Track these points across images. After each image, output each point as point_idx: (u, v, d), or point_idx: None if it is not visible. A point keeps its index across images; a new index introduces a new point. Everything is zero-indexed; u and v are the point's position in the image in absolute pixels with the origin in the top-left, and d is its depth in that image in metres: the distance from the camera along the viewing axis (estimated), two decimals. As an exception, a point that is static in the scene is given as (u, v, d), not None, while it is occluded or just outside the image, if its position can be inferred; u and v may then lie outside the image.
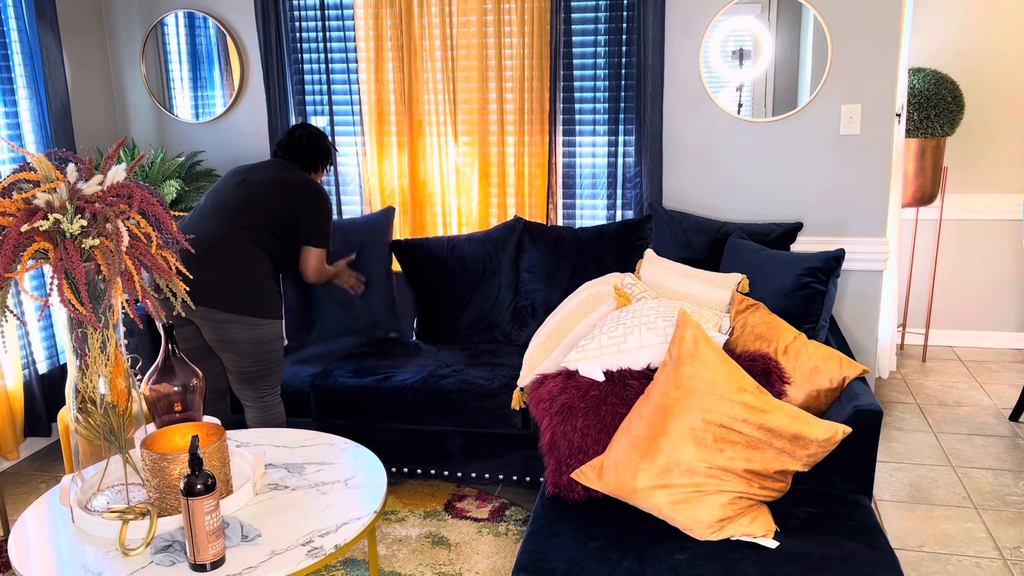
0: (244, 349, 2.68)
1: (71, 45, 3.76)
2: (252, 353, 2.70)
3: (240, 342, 2.67)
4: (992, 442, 3.39)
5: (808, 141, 3.38)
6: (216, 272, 2.62)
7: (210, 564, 1.67)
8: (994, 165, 4.37)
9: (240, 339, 2.66)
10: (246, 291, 2.65)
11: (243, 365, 2.71)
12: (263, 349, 2.71)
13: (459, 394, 2.93)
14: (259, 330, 2.68)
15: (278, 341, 2.76)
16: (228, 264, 2.64)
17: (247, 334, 2.66)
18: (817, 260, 2.77)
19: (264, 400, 2.80)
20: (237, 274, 2.64)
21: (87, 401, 1.86)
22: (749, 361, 2.23)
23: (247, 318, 2.64)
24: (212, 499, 1.65)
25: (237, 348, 2.68)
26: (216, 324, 2.64)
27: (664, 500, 1.89)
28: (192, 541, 1.66)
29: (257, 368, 2.73)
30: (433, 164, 3.74)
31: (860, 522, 1.96)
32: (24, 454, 3.53)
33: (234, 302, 2.62)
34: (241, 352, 2.68)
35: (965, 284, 4.54)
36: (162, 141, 4.02)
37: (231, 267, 2.64)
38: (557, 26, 3.45)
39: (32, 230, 1.70)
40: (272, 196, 2.75)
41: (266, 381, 2.77)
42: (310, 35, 3.72)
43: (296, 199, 2.76)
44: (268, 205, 2.74)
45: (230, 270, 2.64)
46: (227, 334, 2.65)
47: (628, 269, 3.30)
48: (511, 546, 2.70)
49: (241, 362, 2.70)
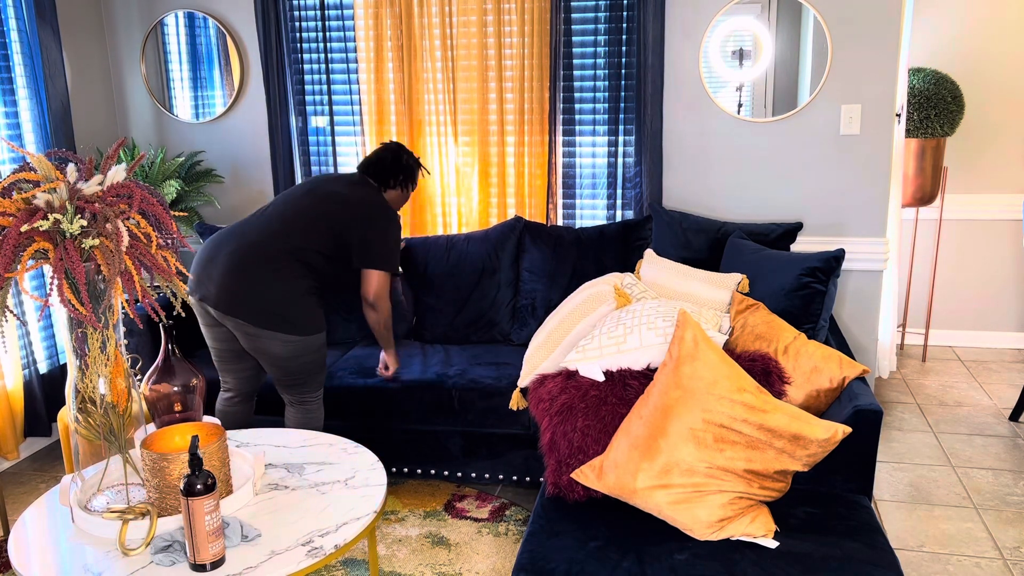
0: (274, 361, 2.64)
1: (71, 45, 3.76)
2: (283, 366, 2.65)
3: (271, 354, 2.62)
4: (992, 442, 3.39)
5: (808, 141, 3.38)
6: (249, 283, 2.55)
7: (210, 564, 1.68)
8: (994, 165, 4.37)
9: (270, 351, 2.62)
10: (277, 307, 2.56)
11: (276, 374, 2.69)
12: (295, 363, 2.65)
13: (467, 393, 2.93)
14: (289, 345, 2.60)
15: (313, 354, 2.67)
16: (264, 277, 2.56)
17: (276, 348, 2.60)
18: (817, 260, 2.77)
19: (304, 404, 2.77)
20: (270, 289, 2.56)
21: (87, 401, 1.86)
22: (749, 361, 2.23)
23: (276, 333, 2.58)
24: (212, 499, 1.65)
25: (268, 359, 2.65)
26: (245, 335, 2.61)
27: (664, 500, 1.89)
28: (192, 541, 1.66)
29: (290, 379, 2.70)
30: (433, 164, 3.74)
31: (860, 522, 1.96)
32: (24, 454, 3.53)
33: (263, 317, 2.55)
34: (272, 363, 2.65)
35: (965, 284, 4.54)
36: (162, 141, 4.02)
37: (266, 281, 2.56)
38: (557, 26, 3.45)
39: (32, 230, 1.70)
40: (329, 213, 2.66)
41: (303, 387, 2.73)
42: (310, 35, 3.72)
43: (354, 219, 2.66)
44: (323, 221, 2.65)
45: (265, 284, 2.56)
46: (257, 346, 2.61)
47: (628, 269, 3.30)
48: (511, 546, 2.70)
49: (273, 371, 2.69)
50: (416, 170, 2.91)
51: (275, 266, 2.58)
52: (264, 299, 2.55)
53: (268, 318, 2.56)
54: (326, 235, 2.64)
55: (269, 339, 2.58)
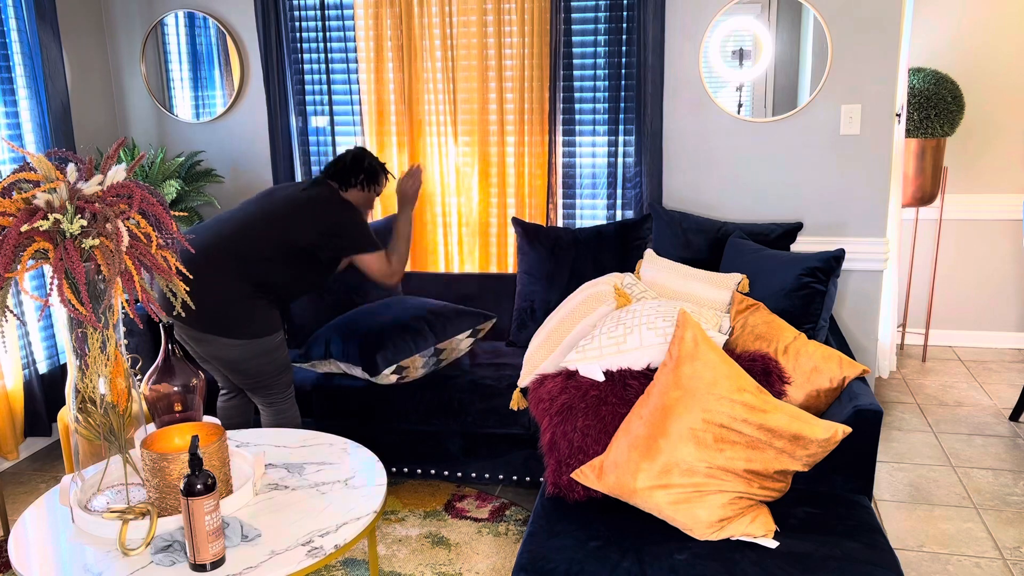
0: (228, 365, 2.61)
1: (71, 45, 3.76)
2: (238, 369, 2.62)
3: (222, 359, 2.60)
4: (992, 442, 3.39)
5: (808, 141, 3.38)
6: (194, 288, 2.51)
7: (210, 564, 1.68)
8: (994, 165, 4.37)
9: (221, 356, 2.59)
10: (218, 310, 2.54)
11: (235, 379, 2.67)
12: (249, 365, 2.62)
13: (468, 394, 2.93)
14: (236, 349, 2.57)
15: (267, 356, 2.64)
16: (206, 282, 2.53)
17: (225, 352, 2.58)
18: (817, 260, 2.77)
19: (274, 406, 2.75)
20: (211, 293, 2.53)
21: (87, 401, 1.86)
22: (749, 361, 2.23)
23: (218, 337, 2.55)
24: (212, 499, 1.65)
25: (222, 364, 2.62)
26: (195, 341, 2.58)
27: (664, 500, 1.89)
28: (192, 541, 1.66)
29: (251, 382, 2.67)
30: (433, 164, 3.74)
31: (860, 522, 1.96)
32: (24, 454, 3.53)
33: (204, 322, 2.53)
34: (227, 368, 2.63)
35: (965, 284, 4.54)
36: (162, 141, 4.02)
37: (207, 285, 2.53)
38: (557, 26, 3.45)
39: (32, 230, 1.70)
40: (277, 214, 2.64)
41: (268, 390, 2.71)
42: (310, 35, 3.72)
43: (305, 217, 2.64)
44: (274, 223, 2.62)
45: (206, 289, 2.53)
46: (208, 351, 2.59)
47: (626, 269, 3.30)
48: (511, 546, 2.70)
49: (233, 376, 2.66)
50: (380, 173, 2.84)
51: (218, 270, 2.55)
52: (205, 304, 2.52)
53: (210, 322, 2.53)
54: (276, 237, 2.60)
55: (215, 343, 2.56)
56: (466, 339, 3.03)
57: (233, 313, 2.55)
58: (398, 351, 2.87)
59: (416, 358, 2.91)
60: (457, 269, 3.83)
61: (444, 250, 3.84)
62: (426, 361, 2.95)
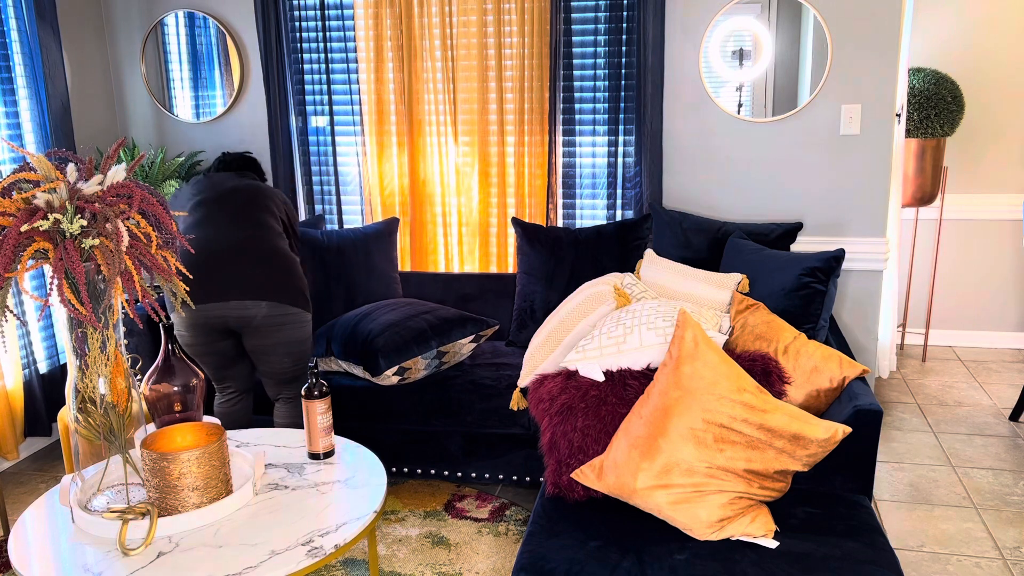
0: (291, 348, 2.68)
1: (71, 45, 3.76)
2: (298, 352, 2.71)
3: (291, 341, 2.67)
4: (992, 442, 3.39)
5: (808, 141, 3.38)
6: (267, 268, 2.62)
7: (323, 453, 2.19)
8: (994, 165, 4.37)
9: (292, 338, 2.67)
10: (299, 283, 2.69)
11: (287, 365, 2.71)
12: (306, 345, 2.74)
13: (468, 394, 2.93)
14: (307, 327, 2.71)
15: (311, 336, 2.79)
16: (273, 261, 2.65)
17: (296, 333, 2.67)
18: (817, 260, 2.77)
19: (299, 399, 2.81)
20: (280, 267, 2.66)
21: (87, 401, 1.86)
22: (749, 361, 2.23)
23: (302, 311, 2.67)
24: (324, 403, 2.15)
25: (285, 349, 2.67)
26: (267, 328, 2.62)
27: (664, 500, 1.89)
28: (310, 436, 2.17)
29: (299, 368, 2.75)
30: (433, 164, 3.74)
31: (860, 522, 1.96)
32: (24, 454, 3.53)
33: (290, 292, 2.64)
34: (288, 352, 2.68)
35: (965, 284, 4.54)
36: (162, 141, 4.02)
37: (277, 263, 2.65)
38: (557, 26, 3.45)
39: (32, 230, 1.70)
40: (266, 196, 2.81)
41: (303, 376, 2.80)
42: (310, 35, 3.72)
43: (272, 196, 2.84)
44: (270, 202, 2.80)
45: (277, 266, 2.65)
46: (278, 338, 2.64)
47: (626, 269, 3.30)
48: (511, 546, 2.70)
49: (285, 362, 2.70)
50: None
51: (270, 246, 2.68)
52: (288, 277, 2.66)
53: (296, 292, 2.66)
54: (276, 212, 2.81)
55: (293, 324, 2.65)
56: (468, 343, 3.05)
57: (302, 285, 2.71)
58: (400, 352, 2.88)
59: (418, 360, 2.92)
60: (457, 269, 3.83)
61: (444, 250, 3.84)
62: (428, 363, 2.96)
